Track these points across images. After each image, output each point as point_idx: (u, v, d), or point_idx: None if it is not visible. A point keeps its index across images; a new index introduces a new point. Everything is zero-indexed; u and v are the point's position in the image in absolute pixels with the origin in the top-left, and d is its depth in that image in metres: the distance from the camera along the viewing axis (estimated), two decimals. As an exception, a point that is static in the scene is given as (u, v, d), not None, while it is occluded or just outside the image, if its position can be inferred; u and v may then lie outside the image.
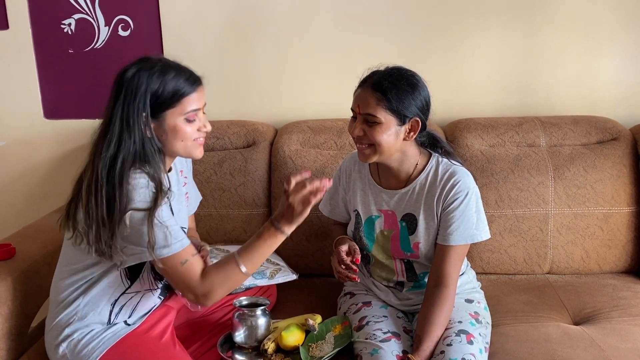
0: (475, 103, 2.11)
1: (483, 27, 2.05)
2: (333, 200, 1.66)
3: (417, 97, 1.39)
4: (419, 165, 1.49)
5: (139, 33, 2.13)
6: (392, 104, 1.36)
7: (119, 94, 1.23)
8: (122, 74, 1.24)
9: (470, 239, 1.44)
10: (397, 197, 1.50)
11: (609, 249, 1.84)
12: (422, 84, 1.42)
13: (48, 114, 2.23)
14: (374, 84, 1.38)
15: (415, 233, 1.48)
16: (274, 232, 1.28)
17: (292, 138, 1.97)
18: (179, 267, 1.25)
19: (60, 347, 1.34)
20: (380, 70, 1.43)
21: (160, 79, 1.23)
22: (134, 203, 1.21)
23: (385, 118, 1.37)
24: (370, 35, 2.08)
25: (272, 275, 1.59)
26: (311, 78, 2.14)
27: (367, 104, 1.38)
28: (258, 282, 1.57)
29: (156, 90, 1.23)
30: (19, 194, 2.28)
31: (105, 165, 1.22)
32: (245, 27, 2.11)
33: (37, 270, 1.60)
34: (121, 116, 1.22)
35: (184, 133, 1.28)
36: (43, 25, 2.14)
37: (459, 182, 1.43)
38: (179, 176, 1.49)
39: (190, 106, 1.27)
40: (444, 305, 1.40)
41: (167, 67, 1.26)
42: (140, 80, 1.22)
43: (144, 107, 1.22)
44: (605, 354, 1.41)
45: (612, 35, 2.03)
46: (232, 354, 1.47)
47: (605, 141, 1.90)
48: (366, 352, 1.38)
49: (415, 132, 1.41)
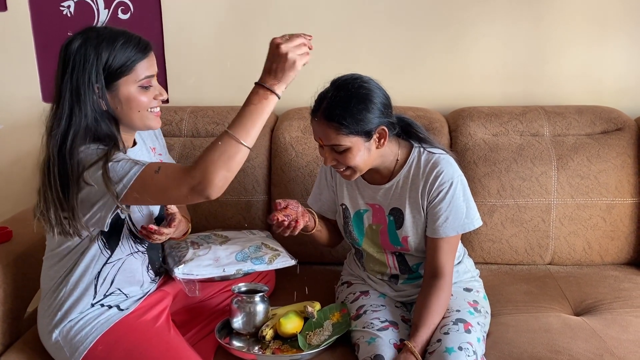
0: (479, 92, 2.09)
1: (488, 16, 2.03)
2: (322, 196, 1.62)
3: (372, 108, 1.34)
4: (400, 159, 1.46)
5: (138, 16, 2.10)
6: (351, 128, 1.32)
7: (65, 68, 1.19)
8: (67, 46, 1.20)
9: (462, 229, 1.42)
10: (382, 192, 1.48)
11: (611, 240, 1.82)
12: (373, 90, 1.35)
13: (47, 98, 2.20)
14: (327, 115, 1.33)
15: (402, 227, 1.46)
16: (263, 93, 1.15)
17: (292, 125, 1.95)
18: (155, 177, 1.14)
19: (53, 333, 1.34)
20: (327, 94, 1.35)
21: (110, 48, 1.19)
22: (85, 165, 1.16)
23: (351, 142, 1.34)
24: (373, 22, 2.05)
25: (270, 261, 1.58)
26: (312, 64, 2.09)
27: (327, 136, 1.35)
28: (257, 267, 1.56)
29: (106, 60, 1.19)
30: (16, 177, 2.26)
31: (57, 144, 1.18)
32: (246, 12, 2.08)
33: (34, 254, 1.58)
34: (70, 90, 1.18)
35: (139, 102, 1.23)
36: (42, 7, 2.11)
37: (442, 172, 1.40)
38: (150, 153, 1.46)
39: (143, 73, 1.23)
40: (440, 294, 1.39)
41: (115, 35, 1.21)
42: (88, 51, 1.18)
43: (96, 78, 1.18)
44: (606, 345, 1.40)
45: (618, 25, 2.00)
46: (229, 340, 1.47)
47: (610, 131, 1.88)
48: (364, 341, 1.37)
49: (385, 139, 1.38)
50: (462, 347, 1.29)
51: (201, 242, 1.64)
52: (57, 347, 1.34)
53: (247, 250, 1.60)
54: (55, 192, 1.18)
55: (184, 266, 1.49)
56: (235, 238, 1.70)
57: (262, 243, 1.65)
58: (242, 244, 1.65)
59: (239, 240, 1.68)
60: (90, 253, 1.33)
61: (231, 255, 1.57)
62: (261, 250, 1.61)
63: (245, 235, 1.75)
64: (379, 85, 1.39)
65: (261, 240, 1.68)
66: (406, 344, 1.32)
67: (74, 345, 1.31)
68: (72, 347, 1.32)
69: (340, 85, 1.36)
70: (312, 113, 1.39)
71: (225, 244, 1.63)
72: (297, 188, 1.89)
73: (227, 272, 1.53)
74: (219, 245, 1.61)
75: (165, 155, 1.57)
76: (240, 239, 1.70)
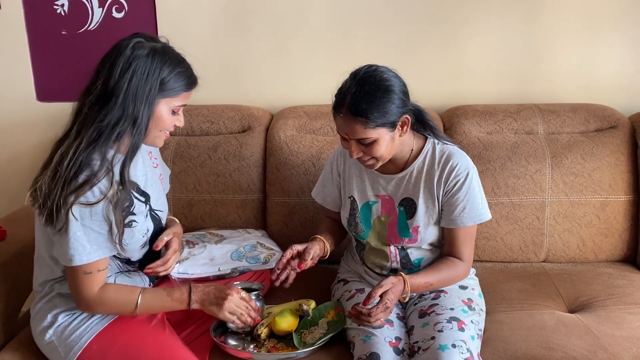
0: (474, 90, 2.09)
1: (483, 14, 2.03)
2: (326, 189, 1.64)
3: (395, 98, 1.34)
4: (415, 149, 1.48)
5: (133, 15, 2.10)
6: (378, 121, 1.33)
7: (126, 68, 1.21)
8: (133, 47, 1.23)
9: (479, 219, 1.45)
10: (395, 182, 1.50)
11: (605, 237, 1.83)
12: (394, 80, 1.36)
13: (41, 97, 2.20)
14: (353, 110, 1.33)
15: (414, 217, 1.48)
16: (185, 299, 1.33)
17: (287, 123, 1.95)
18: (80, 275, 1.26)
19: (46, 333, 1.34)
20: (350, 89, 1.35)
21: (171, 68, 1.26)
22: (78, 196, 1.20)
23: (377, 134, 1.35)
24: (367, 21, 2.05)
25: (266, 260, 1.58)
26: (308, 63, 2.11)
27: (354, 131, 1.35)
28: (252, 266, 1.56)
29: (164, 78, 1.25)
30: (11, 177, 2.26)
31: (93, 133, 1.21)
32: (241, 11, 2.08)
33: (28, 254, 1.58)
34: (127, 90, 1.21)
35: (164, 123, 1.30)
36: (35, 5, 2.10)
37: (458, 163, 1.43)
38: (150, 159, 1.48)
39: (181, 101, 1.31)
40: (452, 267, 1.45)
41: (179, 60, 1.29)
42: (155, 63, 1.23)
43: (155, 90, 1.24)
44: (599, 342, 1.40)
45: (612, 23, 2.01)
46: (225, 339, 1.46)
47: (604, 129, 1.89)
48: (359, 339, 1.37)
49: (408, 125, 1.40)
50: (455, 345, 1.29)
51: (196, 240, 1.64)
52: (51, 347, 1.34)
53: (243, 250, 1.61)
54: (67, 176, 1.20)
55: (179, 265, 1.49)
56: (231, 237, 1.70)
57: (257, 242, 1.65)
58: (238, 243, 1.65)
59: (235, 239, 1.68)
60: None
61: (226, 255, 1.57)
62: (256, 249, 1.62)
63: (241, 234, 1.75)
64: (396, 73, 1.40)
65: (257, 239, 1.68)
66: (402, 275, 1.36)
67: (68, 345, 1.31)
68: (66, 347, 1.32)
69: (362, 79, 1.35)
70: (336, 109, 1.38)
71: (221, 243, 1.64)
72: (292, 186, 1.89)
73: (223, 271, 1.54)
74: (214, 245, 1.61)
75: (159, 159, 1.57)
76: (236, 238, 1.70)
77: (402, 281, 1.36)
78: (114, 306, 1.31)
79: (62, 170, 1.19)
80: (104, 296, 1.28)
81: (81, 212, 1.21)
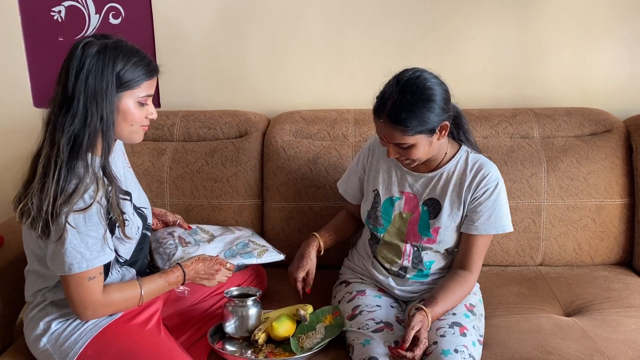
0: (469, 95, 2.09)
1: (478, 19, 2.04)
2: (349, 180, 1.67)
3: (435, 107, 1.36)
4: (449, 154, 1.51)
5: (130, 21, 2.10)
6: (416, 129, 1.35)
7: (80, 68, 1.21)
8: (83, 47, 1.23)
9: (502, 229, 1.48)
10: (423, 181, 1.52)
11: (601, 240, 1.84)
12: (436, 89, 1.37)
13: (38, 103, 2.20)
14: (392, 118, 1.35)
15: (437, 218, 1.50)
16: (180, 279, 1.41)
17: (284, 128, 1.95)
18: (84, 282, 1.25)
19: (40, 341, 1.33)
20: (392, 95, 1.36)
21: (125, 61, 1.25)
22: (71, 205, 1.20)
23: (415, 140, 1.38)
24: (363, 25, 2.06)
25: (260, 255, 1.61)
26: (304, 68, 2.12)
27: (392, 136, 1.38)
28: (247, 261, 1.58)
29: (119, 71, 1.24)
30: (8, 183, 2.23)
31: (68, 140, 1.21)
32: (238, 17, 2.09)
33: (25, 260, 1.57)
34: (86, 91, 1.21)
35: (133, 116, 1.29)
36: (32, 12, 2.10)
37: (489, 174, 1.47)
38: (125, 159, 1.48)
39: (145, 91, 1.30)
40: (464, 284, 1.46)
41: (131, 51, 1.27)
42: (107, 58, 1.23)
43: (112, 85, 1.23)
44: (596, 345, 1.41)
45: (607, 27, 2.02)
46: (222, 345, 1.46)
47: (599, 133, 1.90)
48: (358, 343, 1.38)
49: (446, 130, 1.41)
50: (457, 350, 1.30)
51: (188, 238, 1.64)
52: (46, 354, 1.33)
53: (235, 248, 1.62)
54: (56, 187, 1.20)
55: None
56: (222, 235, 1.71)
57: (249, 240, 1.68)
58: (231, 241, 1.66)
59: (226, 237, 1.69)
60: None
61: (220, 253, 1.58)
62: (249, 246, 1.64)
63: (231, 231, 1.76)
64: (440, 80, 1.41)
65: (248, 238, 1.70)
66: (424, 309, 1.36)
67: (63, 351, 1.31)
68: (62, 354, 1.31)
69: (405, 86, 1.36)
70: (376, 113, 1.40)
71: (213, 242, 1.64)
72: (289, 191, 1.89)
73: None
74: (207, 244, 1.62)
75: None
76: (227, 236, 1.71)
77: (426, 316, 1.36)
78: (120, 304, 1.32)
79: (49, 182, 1.19)
80: (109, 298, 1.29)
81: (76, 220, 1.21)
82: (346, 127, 1.95)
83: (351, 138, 1.93)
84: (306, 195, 1.88)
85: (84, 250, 1.23)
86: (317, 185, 1.87)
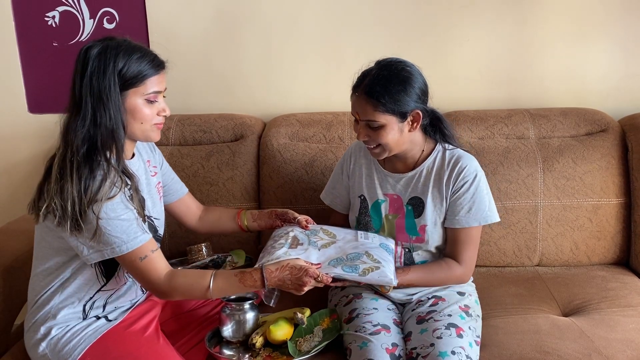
0: (464, 96, 2.10)
1: (472, 20, 2.05)
2: (335, 190, 1.67)
3: (411, 91, 1.40)
4: (425, 151, 1.52)
5: (124, 26, 2.10)
6: (388, 106, 1.38)
7: (84, 71, 1.23)
8: (86, 51, 1.24)
9: (484, 220, 1.48)
10: (404, 181, 1.53)
11: (597, 240, 1.84)
12: (415, 75, 1.42)
13: (32, 109, 2.19)
14: (367, 91, 1.40)
15: (422, 216, 1.50)
16: (257, 285, 1.31)
17: (280, 131, 1.95)
18: (137, 262, 1.26)
19: (39, 346, 1.33)
20: (371, 72, 1.42)
21: (126, 58, 1.24)
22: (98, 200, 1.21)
23: (386, 120, 1.40)
24: (358, 28, 2.07)
25: (364, 273, 1.37)
26: (299, 71, 2.12)
27: (364, 111, 1.41)
28: (347, 275, 1.37)
29: (121, 69, 1.24)
30: (3, 190, 2.25)
31: (83, 141, 1.22)
32: (232, 20, 2.09)
33: (21, 267, 1.57)
34: (91, 93, 1.22)
35: (143, 115, 1.28)
36: (26, 18, 2.10)
37: (467, 166, 1.48)
38: (146, 166, 1.47)
39: (152, 88, 1.28)
40: (445, 268, 1.48)
41: (133, 48, 1.27)
42: (108, 58, 1.23)
43: (114, 84, 1.23)
44: (594, 345, 1.41)
45: (601, 27, 2.03)
46: (219, 349, 1.46)
47: (594, 133, 1.90)
48: (355, 345, 1.37)
49: (418, 123, 1.43)
50: (454, 352, 1.30)
51: (303, 239, 1.49)
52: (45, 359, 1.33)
53: (345, 257, 1.42)
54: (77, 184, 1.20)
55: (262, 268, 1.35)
56: (343, 240, 1.51)
57: (366, 252, 1.43)
58: (347, 249, 1.46)
59: (346, 244, 1.49)
60: (85, 275, 1.33)
61: (325, 262, 1.40)
62: (360, 258, 1.41)
63: (355, 237, 1.53)
64: (421, 72, 1.45)
65: (369, 249, 1.45)
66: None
67: (62, 357, 1.30)
68: (60, 359, 1.31)
69: (384, 65, 1.42)
70: (353, 88, 1.44)
71: (327, 248, 1.46)
72: (285, 195, 1.89)
73: None
74: (317, 250, 1.44)
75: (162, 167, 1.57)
76: (349, 242, 1.49)
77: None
78: (187, 291, 1.30)
79: (68, 183, 1.20)
80: (173, 282, 1.28)
81: (104, 209, 1.21)
82: (342, 130, 1.95)
83: (347, 140, 1.93)
84: (303, 198, 1.88)
85: (120, 234, 1.23)
86: (314, 188, 1.87)
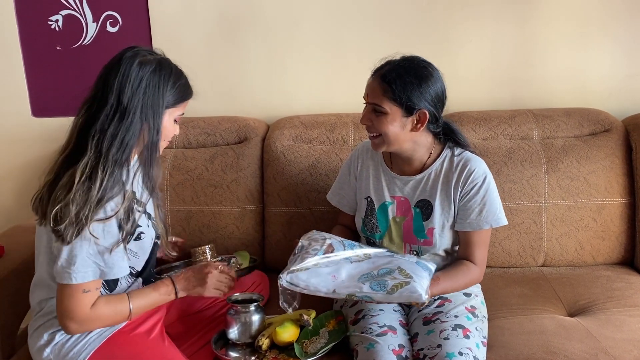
0: (467, 96, 2.10)
1: (475, 20, 2.05)
2: (342, 190, 1.66)
3: (426, 89, 1.40)
4: (433, 153, 1.51)
5: (127, 29, 2.10)
6: (397, 95, 1.38)
7: (138, 84, 1.25)
8: (140, 64, 1.26)
9: (496, 223, 1.47)
10: (412, 184, 1.52)
11: (602, 240, 1.84)
12: (434, 77, 1.42)
13: (36, 112, 2.20)
14: (383, 75, 1.40)
15: (430, 219, 1.50)
16: (171, 290, 1.37)
17: (284, 133, 1.95)
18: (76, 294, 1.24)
19: (44, 352, 1.32)
20: (394, 60, 1.44)
21: (176, 81, 1.32)
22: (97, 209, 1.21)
23: (390, 109, 1.39)
24: (361, 30, 2.07)
25: (393, 290, 1.29)
26: (303, 73, 2.13)
27: (374, 93, 1.41)
28: (374, 295, 1.30)
29: (170, 90, 1.30)
30: (7, 193, 2.25)
31: (119, 150, 1.23)
32: (235, 23, 2.09)
33: (26, 270, 1.57)
34: (142, 106, 1.26)
35: (168, 132, 1.35)
36: (30, 21, 2.10)
37: (475, 168, 1.47)
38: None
39: (181, 110, 1.38)
40: (467, 273, 1.46)
41: (180, 72, 1.35)
42: (163, 77, 1.28)
43: (164, 101, 1.29)
44: (600, 345, 1.41)
45: (604, 27, 2.03)
46: (225, 351, 1.45)
47: (598, 133, 1.90)
48: (362, 347, 1.37)
49: (422, 124, 1.42)
50: (462, 353, 1.30)
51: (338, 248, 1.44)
52: (50, 365, 1.33)
53: (376, 273, 1.36)
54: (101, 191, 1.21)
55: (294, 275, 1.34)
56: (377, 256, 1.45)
57: (398, 268, 1.37)
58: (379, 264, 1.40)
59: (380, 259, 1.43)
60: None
61: (355, 276, 1.35)
62: (391, 274, 1.34)
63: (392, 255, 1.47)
64: (442, 79, 1.44)
65: (402, 264, 1.39)
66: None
67: (66, 363, 1.30)
68: (65, 364, 1.31)
69: (408, 58, 1.44)
70: (373, 72, 1.45)
71: (358, 262, 1.41)
72: (290, 196, 1.89)
73: (337, 294, 1.33)
74: (349, 263, 1.40)
75: None
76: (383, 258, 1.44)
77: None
78: (108, 318, 1.29)
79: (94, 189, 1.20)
80: (97, 311, 1.27)
81: (98, 230, 1.21)
82: (345, 131, 1.95)
83: (351, 142, 1.93)
84: (307, 200, 1.88)
85: (99, 261, 1.23)
86: (318, 190, 1.87)
